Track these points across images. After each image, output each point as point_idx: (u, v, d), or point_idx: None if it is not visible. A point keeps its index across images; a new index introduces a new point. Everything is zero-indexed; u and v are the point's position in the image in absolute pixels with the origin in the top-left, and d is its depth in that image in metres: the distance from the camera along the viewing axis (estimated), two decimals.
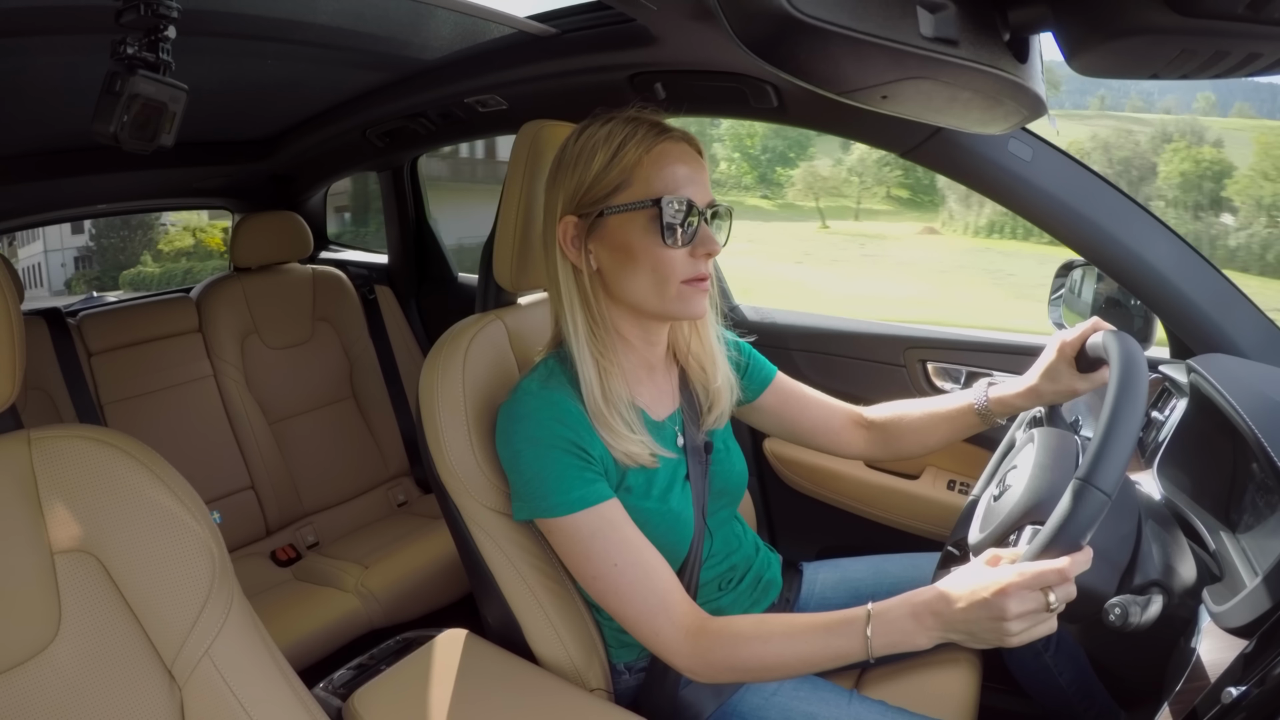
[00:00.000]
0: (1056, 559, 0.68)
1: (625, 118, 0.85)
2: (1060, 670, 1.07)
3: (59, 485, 0.70)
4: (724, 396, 0.99)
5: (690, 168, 0.84)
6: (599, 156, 0.83)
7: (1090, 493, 0.69)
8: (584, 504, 0.82)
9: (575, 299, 0.87)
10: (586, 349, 0.86)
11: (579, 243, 0.85)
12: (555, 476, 0.82)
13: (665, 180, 0.82)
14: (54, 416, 1.72)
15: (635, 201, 0.82)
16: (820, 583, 1.14)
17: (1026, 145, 1.03)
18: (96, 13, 0.98)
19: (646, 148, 0.83)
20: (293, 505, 1.98)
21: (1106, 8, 0.52)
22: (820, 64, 0.54)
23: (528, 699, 0.90)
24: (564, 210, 0.85)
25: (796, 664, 0.79)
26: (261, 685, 0.75)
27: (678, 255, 0.83)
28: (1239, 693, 0.64)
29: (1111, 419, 0.71)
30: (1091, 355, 0.92)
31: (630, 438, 0.86)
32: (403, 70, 1.49)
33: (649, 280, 0.84)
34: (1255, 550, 0.78)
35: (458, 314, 1.05)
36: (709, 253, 0.84)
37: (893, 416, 1.10)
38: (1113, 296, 1.13)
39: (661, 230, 0.81)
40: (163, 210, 2.54)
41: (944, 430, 1.06)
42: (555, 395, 0.84)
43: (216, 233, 5.45)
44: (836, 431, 1.12)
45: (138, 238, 6.69)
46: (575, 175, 0.84)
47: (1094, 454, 0.70)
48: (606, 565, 0.82)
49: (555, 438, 0.82)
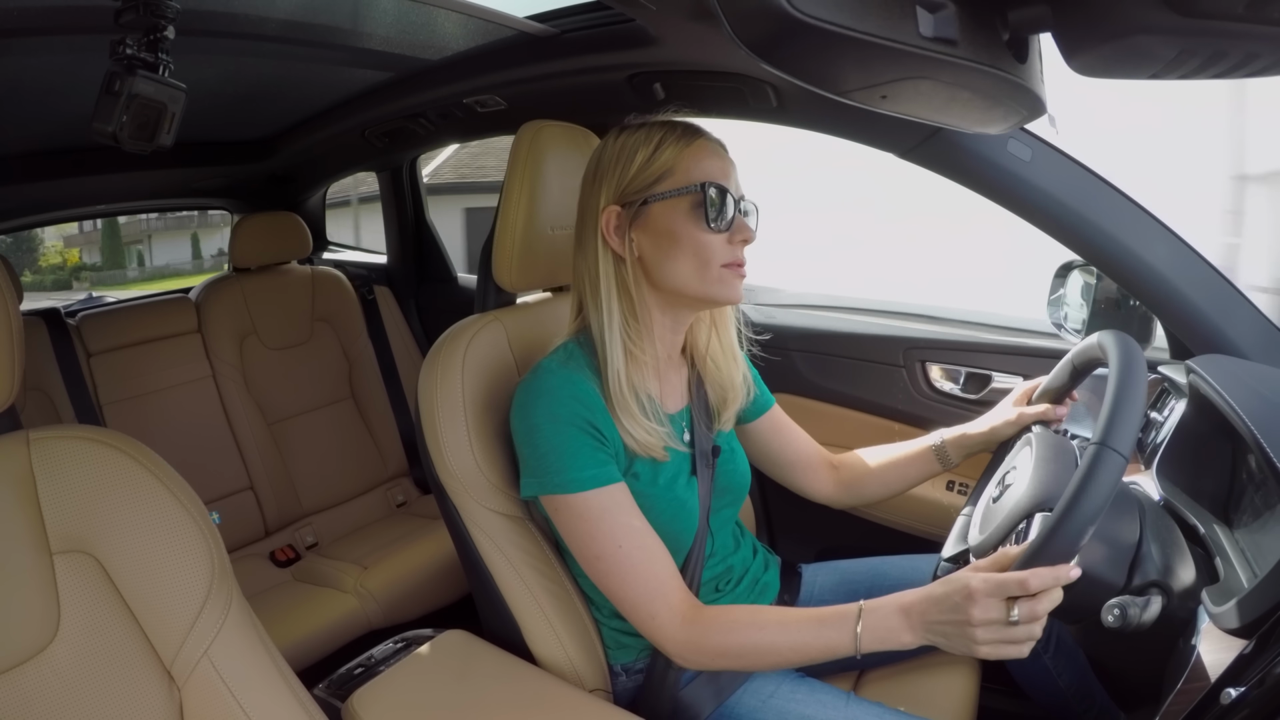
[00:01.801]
0: (1020, 572, 0.69)
1: (660, 121, 0.91)
2: (1059, 671, 1.07)
3: (58, 486, 0.70)
4: (740, 394, 1.02)
5: (724, 164, 0.90)
6: (641, 152, 0.88)
7: (1108, 454, 0.68)
8: (596, 483, 0.84)
9: (614, 287, 0.89)
10: (619, 335, 0.88)
11: (622, 231, 0.89)
12: (571, 453, 0.84)
13: (704, 171, 0.87)
14: (53, 417, 1.72)
15: (679, 188, 0.87)
16: (819, 585, 1.14)
17: (1026, 145, 1.03)
18: (96, 13, 0.98)
19: (686, 143, 0.88)
20: (292, 506, 1.97)
21: (1106, 8, 0.52)
22: (819, 64, 0.54)
23: (527, 699, 0.90)
24: (607, 202, 0.89)
25: (788, 652, 0.81)
26: (260, 686, 0.75)
27: (717, 240, 0.87)
28: (1238, 693, 0.64)
29: (1119, 386, 0.72)
30: (1088, 357, 0.92)
31: (647, 424, 0.88)
32: (402, 70, 1.49)
33: (691, 264, 0.87)
34: (1254, 551, 0.78)
35: (457, 314, 1.05)
36: (745, 239, 0.89)
37: (856, 462, 1.14)
38: (1112, 297, 1.13)
39: (706, 214, 0.86)
40: (162, 210, 2.54)
41: (905, 473, 1.10)
42: (575, 375, 0.87)
43: (73, 253, 9.52)
44: (814, 469, 1.14)
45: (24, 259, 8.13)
46: (617, 170, 0.89)
47: (1107, 418, 0.70)
48: (611, 546, 0.84)
49: (573, 415, 0.84)
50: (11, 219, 2.05)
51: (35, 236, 8.41)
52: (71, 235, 10.27)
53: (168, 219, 13.10)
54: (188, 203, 2.45)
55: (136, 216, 13.37)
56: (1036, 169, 1.03)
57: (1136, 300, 1.09)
